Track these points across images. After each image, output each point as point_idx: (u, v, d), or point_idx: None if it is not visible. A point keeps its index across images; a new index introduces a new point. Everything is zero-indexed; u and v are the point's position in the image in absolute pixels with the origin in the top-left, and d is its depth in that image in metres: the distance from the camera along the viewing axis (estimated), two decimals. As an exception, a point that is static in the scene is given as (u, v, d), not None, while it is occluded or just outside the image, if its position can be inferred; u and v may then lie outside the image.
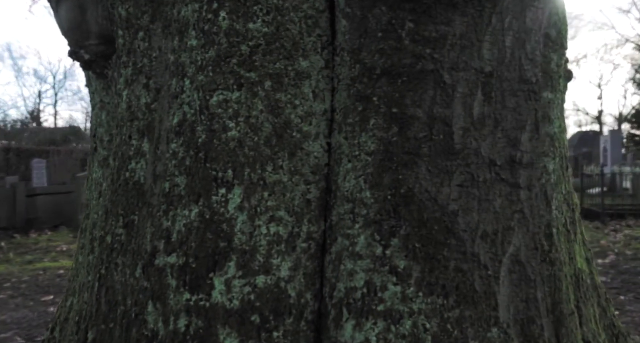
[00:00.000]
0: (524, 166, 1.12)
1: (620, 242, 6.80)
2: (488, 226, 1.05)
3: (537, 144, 1.16)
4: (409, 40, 1.00)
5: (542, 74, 1.68)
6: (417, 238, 0.99)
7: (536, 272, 1.12)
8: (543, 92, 1.70)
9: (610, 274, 5.31)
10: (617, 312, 4.01)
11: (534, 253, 1.12)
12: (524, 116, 1.12)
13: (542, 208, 1.23)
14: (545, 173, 1.71)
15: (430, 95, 1.01)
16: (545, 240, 1.66)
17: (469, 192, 1.03)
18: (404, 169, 1.00)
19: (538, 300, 1.11)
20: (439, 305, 0.98)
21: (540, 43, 1.19)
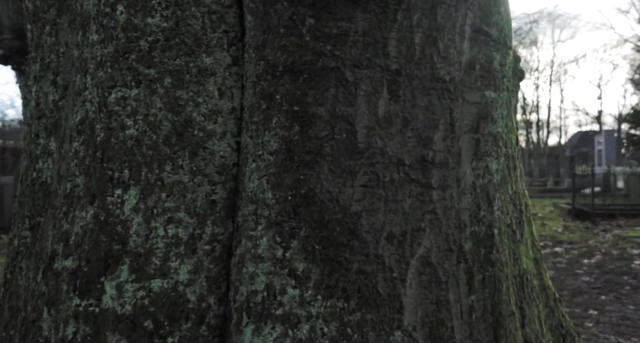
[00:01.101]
0: (436, 166, 1.09)
1: (609, 241, 6.77)
2: (395, 227, 1.02)
3: (453, 143, 1.13)
4: (310, 37, 0.97)
5: (483, 73, 1.66)
6: (318, 240, 0.96)
7: (449, 274, 1.09)
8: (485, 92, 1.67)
9: (595, 274, 5.28)
10: (596, 311, 3.99)
11: (447, 254, 1.09)
12: (437, 115, 1.09)
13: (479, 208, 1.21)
14: (487, 173, 1.68)
15: (332, 94, 0.98)
16: (486, 240, 1.63)
17: (374, 192, 1.00)
18: (306, 168, 0.97)
19: (450, 302, 1.08)
20: (339, 308, 0.95)
21: (457, 41, 1.16)
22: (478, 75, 1.63)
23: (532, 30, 39.01)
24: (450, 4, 1.10)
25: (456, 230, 1.16)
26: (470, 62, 1.60)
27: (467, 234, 1.56)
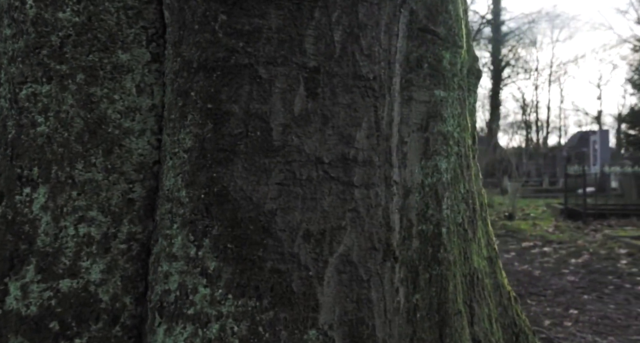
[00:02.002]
0: (359, 164, 1.08)
1: (597, 241, 6.76)
2: (313, 225, 1.01)
3: (379, 142, 1.12)
4: (223, 34, 0.96)
5: (431, 71, 1.65)
6: (230, 238, 0.95)
7: (372, 272, 1.08)
8: (434, 91, 1.66)
9: (580, 274, 5.27)
10: (577, 311, 3.98)
11: (371, 253, 1.08)
12: (360, 113, 1.08)
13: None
14: (436, 172, 1.67)
15: (246, 91, 0.97)
16: (433, 239, 1.62)
17: (290, 190, 0.99)
18: (219, 166, 0.96)
19: (372, 301, 1.07)
20: (250, 307, 0.94)
21: (382, 39, 1.15)
22: (427, 74, 1.62)
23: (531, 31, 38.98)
24: (373, 2, 1.09)
25: (382, 228, 1.15)
26: (417, 61, 1.59)
27: (413, 233, 1.55)
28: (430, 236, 1.60)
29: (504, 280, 1.94)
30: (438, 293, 1.57)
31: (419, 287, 1.53)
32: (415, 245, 1.54)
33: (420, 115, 1.61)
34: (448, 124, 1.70)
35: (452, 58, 1.73)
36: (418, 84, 1.60)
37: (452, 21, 1.70)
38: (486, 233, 1.94)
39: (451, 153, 1.70)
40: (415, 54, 1.57)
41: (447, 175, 1.68)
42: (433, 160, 1.63)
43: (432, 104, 1.65)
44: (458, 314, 1.61)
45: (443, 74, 1.68)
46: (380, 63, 1.14)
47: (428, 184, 1.62)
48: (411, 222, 1.53)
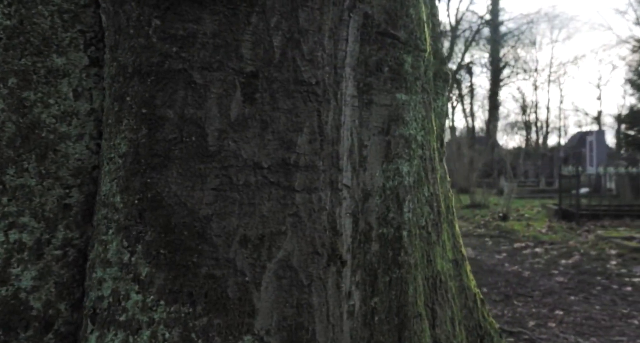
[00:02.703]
0: (301, 169, 1.07)
1: (589, 242, 6.75)
2: (251, 231, 1.01)
3: (322, 146, 1.12)
4: (157, 38, 0.96)
5: (392, 75, 1.64)
6: (163, 244, 0.94)
7: (313, 277, 1.07)
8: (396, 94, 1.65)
9: (570, 275, 5.27)
10: (562, 312, 3.98)
11: (313, 257, 1.08)
12: (302, 118, 1.08)
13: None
14: (397, 175, 1.67)
15: (181, 96, 0.97)
16: (394, 242, 1.62)
17: (226, 195, 0.99)
18: (153, 172, 0.96)
19: (313, 306, 1.07)
20: (183, 313, 0.93)
21: (326, 44, 1.15)
22: (387, 77, 1.62)
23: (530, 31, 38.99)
24: (314, 7, 1.09)
25: (326, 232, 1.14)
26: (377, 65, 1.58)
27: (372, 236, 1.55)
28: (390, 239, 1.60)
29: (470, 283, 1.94)
30: (398, 297, 1.57)
31: (378, 290, 1.52)
32: (375, 249, 1.53)
33: (381, 118, 1.60)
34: (410, 127, 1.70)
35: (414, 61, 1.73)
36: (378, 88, 1.59)
37: (414, 25, 1.69)
38: (452, 236, 1.94)
39: (414, 156, 1.70)
40: (375, 58, 1.57)
41: (409, 179, 1.68)
42: (394, 163, 1.63)
43: (393, 107, 1.64)
44: (418, 317, 1.60)
45: (405, 77, 1.67)
46: (325, 68, 1.14)
47: (389, 187, 1.62)
48: (370, 225, 1.53)
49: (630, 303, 4.13)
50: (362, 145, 1.57)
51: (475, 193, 12.36)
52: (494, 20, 33.79)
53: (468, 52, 36.13)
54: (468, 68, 36.83)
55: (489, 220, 9.48)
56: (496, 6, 33.74)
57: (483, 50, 35.66)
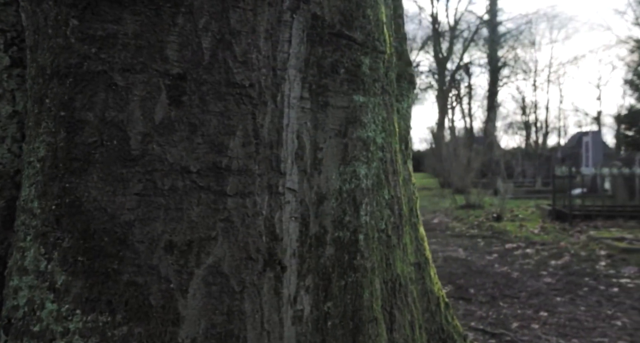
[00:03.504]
0: (234, 173, 1.05)
1: (580, 243, 6.72)
2: (178, 236, 0.98)
3: (258, 150, 1.09)
4: (75, 39, 0.93)
5: (349, 77, 1.62)
6: (82, 251, 0.92)
7: (246, 283, 1.05)
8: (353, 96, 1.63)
9: (558, 276, 5.24)
10: (547, 313, 3.95)
11: (246, 263, 1.06)
12: (235, 121, 1.05)
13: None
14: (354, 178, 1.64)
15: (101, 98, 0.94)
16: (350, 246, 1.60)
17: (150, 200, 0.96)
18: (72, 176, 0.93)
19: (245, 313, 1.04)
20: (101, 322, 0.91)
21: (262, 45, 1.12)
22: (344, 79, 1.60)
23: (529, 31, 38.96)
24: (246, 8, 1.06)
25: (263, 237, 1.12)
26: (332, 66, 1.56)
27: (327, 240, 1.52)
28: (346, 243, 1.57)
29: (433, 286, 1.91)
30: (353, 301, 1.54)
31: (332, 294, 1.50)
32: (330, 253, 1.51)
33: (338, 120, 1.58)
34: (369, 129, 1.67)
35: (373, 63, 1.70)
36: (334, 90, 1.57)
37: (371, 26, 1.67)
38: (416, 239, 1.91)
39: (372, 159, 1.68)
40: (330, 59, 1.55)
41: (367, 181, 1.65)
42: (352, 166, 1.61)
43: (351, 109, 1.62)
44: (373, 321, 1.58)
45: (362, 79, 1.65)
46: (260, 70, 1.11)
47: (346, 190, 1.59)
48: (325, 229, 1.51)
49: (615, 304, 4.10)
50: (317, 147, 1.54)
51: (470, 193, 12.33)
52: (492, 21, 33.77)
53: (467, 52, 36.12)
54: (466, 68, 36.81)
55: (483, 220, 9.45)
56: (494, 6, 33.73)
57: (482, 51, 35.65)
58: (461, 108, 39.01)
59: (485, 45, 34.82)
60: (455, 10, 39.79)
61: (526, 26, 36.19)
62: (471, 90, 38.05)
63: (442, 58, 36.27)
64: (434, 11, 45.84)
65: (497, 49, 33.87)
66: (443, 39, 36.63)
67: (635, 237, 6.54)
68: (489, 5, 33.79)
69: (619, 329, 3.49)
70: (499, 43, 34.09)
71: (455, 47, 36.44)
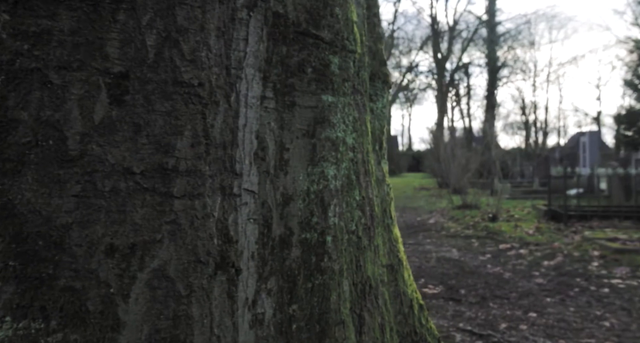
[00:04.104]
0: (182, 174, 1.02)
1: (574, 243, 6.69)
2: (119, 239, 0.96)
3: (209, 150, 1.07)
4: (7, 35, 0.91)
5: (317, 76, 1.59)
6: (13, 255, 0.89)
7: (194, 287, 1.02)
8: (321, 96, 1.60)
9: (550, 276, 5.21)
10: (536, 314, 3.92)
11: (195, 266, 1.03)
12: (183, 121, 1.02)
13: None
14: (322, 179, 1.62)
15: (36, 97, 0.91)
16: (317, 248, 1.57)
17: (90, 202, 0.94)
18: (5, 178, 0.90)
19: (193, 317, 1.02)
20: (34, 329, 0.88)
21: (212, 44, 1.09)
22: (312, 78, 1.57)
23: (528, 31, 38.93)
24: (194, 4, 1.04)
25: (214, 240, 1.09)
26: (299, 66, 1.53)
27: (293, 241, 1.49)
28: (314, 245, 1.55)
29: (407, 288, 1.88)
30: (320, 303, 1.52)
31: (298, 297, 1.47)
32: (296, 254, 1.48)
33: (306, 121, 1.56)
34: (338, 129, 1.65)
35: (342, 62, 1.68)
36: (302, 89, 1.54)
37: (340, 25, 1.64)
38: (389, 241, 1.89)
39: (342, 159, 1.65)
40: (296, 59, 1.52)
41: (336, 182, 1.63)
42: (320, 166, 1.58)
43: (319, 109, 1.59)
44: (340, 324, 1.55)
45: (331, 78, 1.62)
46: (211, 68, 1.09)
47: (314, 191, 1.57)
48: (291, 230, 1.48)
49: (605, 305, 4.07)
50: (284, 148, 1.52)
51: (467, 194, 12.30)
52: (491, 21, 33.73)
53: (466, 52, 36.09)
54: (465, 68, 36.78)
55: (478, 221, 9.42)
56: (493, 6, 33.68)
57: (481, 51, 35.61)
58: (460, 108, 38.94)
59: (484, 46, 34.79)
60: (455, 11, 39.78)
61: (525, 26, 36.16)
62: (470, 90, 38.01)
63: (441, 58, 36.25)
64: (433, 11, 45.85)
65: (495, 49, 33.83)
66: (442, 39, 36.61)
67: (629, 238, 6.51)
68: (487, 6, 33.74)
69: (607, 330, 3.46)
70: (497, 43, 34.05)
71: (454, 47, 36.42)
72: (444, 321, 3.89)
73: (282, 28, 1.46)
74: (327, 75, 1.64)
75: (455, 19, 35.65)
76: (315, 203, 1.58)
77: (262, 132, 1.42)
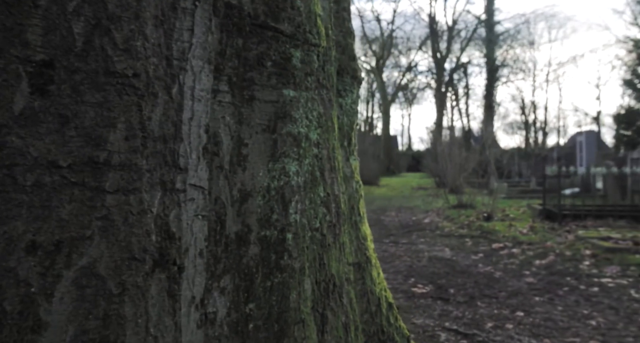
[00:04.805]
0: (115, 168, 0.98)
1: (567, 243, 6.65)
2: (43, 236, 0.92)
3: (146, 143, 1.03)
4: None
5: (278, 70, 1.55)
6: None
7: (127, 285, 0.98)
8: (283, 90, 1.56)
9: (540, 275, 5.17)
10: (523, 313, 3.88)
11: (129, 264, 0.99)
12: (116, 113, 0.98)
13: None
14: (284, 175, 1.58)
15: None
16: (277, 245, 1.53)
17: (10, 197, 0.90)
18: None
19: (125, 317, 0.98)
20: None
21: (150, 33, 1.05)
22: (272, 72, 1.53)
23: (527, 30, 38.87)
24: None
25: (152, 236, 1.05)
26: (258, 59, 1.49)
27: (251, 239, 1.45)
28: (273, 242, 1.51)
29: (375, 287, 1.84)
30: (279, 302, 1.48)
31: (255, 295, 1.43)
32: (254, 252, 1.44)
33: (266, 115, 1.52)
34: (300, 124, 1.61)
35: (305, 56, 1.64)
36: (262, 83, 1.50)
37: (302, 18, 1.60)
38: (356, 238, 1.84)
39: (305, 155, 1.61)
40: (255, 52, 1.48)
41: (297, 179, 1.59)
42: (281, 162, 1.54)
43: (280, 103, 1.55)
44: (300, 323, 1.51)
45: (293, 72, 1.58)
46: (148, 59, 1.05)
47: (274, 188, 1.53)
48: (249, 227, 1.44)
49: (593, 304, 4.03)
50: (242, 143, 1.47)
51: (463, 193, 12.26)
52: (489, 20, 33.68)
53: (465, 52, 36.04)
54: (464, 68, 36.73)
55: (473, 220, 9.38)
56: (491, 6, 33.63)
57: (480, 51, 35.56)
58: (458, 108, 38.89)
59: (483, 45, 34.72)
60: (454, 10, 39.74)
61: (524, 26, 36.09)
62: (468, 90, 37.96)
63: (440, 58, 36.21)
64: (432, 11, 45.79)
65: (494, 49, 33.77)
66: (441, 38, 36.57)
67: (622, 237, 6.46)
68: (486, 5, 33.68)
69: (592, 329, 3.42)
70: (496, 43, 33.99)
71: (453, 47, 36.37)
72: (430, 320, 3.85)
73: (236, 19, 1.41)
74: (288, 69, 1.60)
75: (454, 18, 35.61)
76: (276, 200, 1.54)
77: (215, 127, 1.38)
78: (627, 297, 4.19)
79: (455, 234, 8.08)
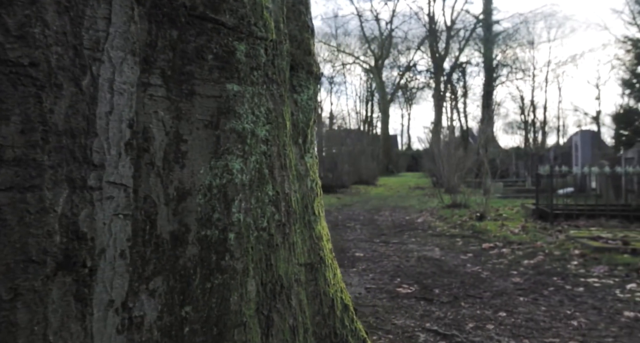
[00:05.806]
0: (7, 163, 0.93)
1: (557, 242, 6.58)
2: None
3: (48, 138, 0.97)
4: None
5: (221, 64, 1.49)
6: None
7: (21, 290, 0.93)
8: (226, 85, 1.51)
9: (527, 275, 5.11)
10: (506, 313, 3.82)
11: (24, 267, 0.93)
12: (9, 104, 0.93)
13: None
14: (226, 172, 1.52)
15: None
16: (218, 245, 1.47)
17: None
18: None
19: (18, 324, 0.92)
20: None
21: (52, 21, 1.00)
22: (213, 66, 1.47)
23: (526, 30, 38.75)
24: None
25: (56, 237, 0.99)
26: (197, 52, 1.43)
27: (189, 239, 1.40)
28: (214, 242, 1.45)
29: (329, 288, 1.78)
30: (218, 304, 1.42)
31: (193, 298, 1.38)
32: (192, 253, 1.39)
33: (208, 111, 1.46)
34: (245, 120, 1.55)
35: (250, 50, 1.58)
36: (202, 77, 1.45)
37: (246, 10, 1.54)
38: (309, 238, 1.78)
39: (251, 152, 1.55)
40: (194, 44, 1.42)
41: (242, 176, 1.53)
42: (224, 159, 1.49)
43: (223, 98, 1.50)
44: (241, 326, 1.46)
45: (237, 66, 1.53)
46: (50, 47, 0.99)
47: (216, 186, 1.47)
48: (187, 227, 1.38)
49: (577, 304, 3.97)
50: (180, 139, 1.42)
51: (458, 193, 12.20)
52: (487, 20, 33.60)
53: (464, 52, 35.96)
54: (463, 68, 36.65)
55: (466, 219, 9.32)
56: (489, 5, 33.54)
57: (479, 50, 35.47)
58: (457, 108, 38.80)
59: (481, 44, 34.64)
60: (452, 10, 39.57)
61: (523, 25, 35.94)
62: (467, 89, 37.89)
63: (438, 57, 36.11)
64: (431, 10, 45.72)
65: (492, 48, 33.68)
66: (440, 38, 36.48)
67: (612, 236, 6.40)
68: (484, 5, 33.61)
69: (573, 329, 3.36)
70: (494, 42, 33.91)
71: (452, 47, 36.28)
72: (411, 321, 3.79)
73: (168, 10, 1.36)
74: (231, 63, 1.55)
75: (452, 18, 35.51)
76: (218, 198, 1.49)
77: (145, 122, 1.32)
78: (612, 296, 4.13)
79: (447, 234, 8.02)
